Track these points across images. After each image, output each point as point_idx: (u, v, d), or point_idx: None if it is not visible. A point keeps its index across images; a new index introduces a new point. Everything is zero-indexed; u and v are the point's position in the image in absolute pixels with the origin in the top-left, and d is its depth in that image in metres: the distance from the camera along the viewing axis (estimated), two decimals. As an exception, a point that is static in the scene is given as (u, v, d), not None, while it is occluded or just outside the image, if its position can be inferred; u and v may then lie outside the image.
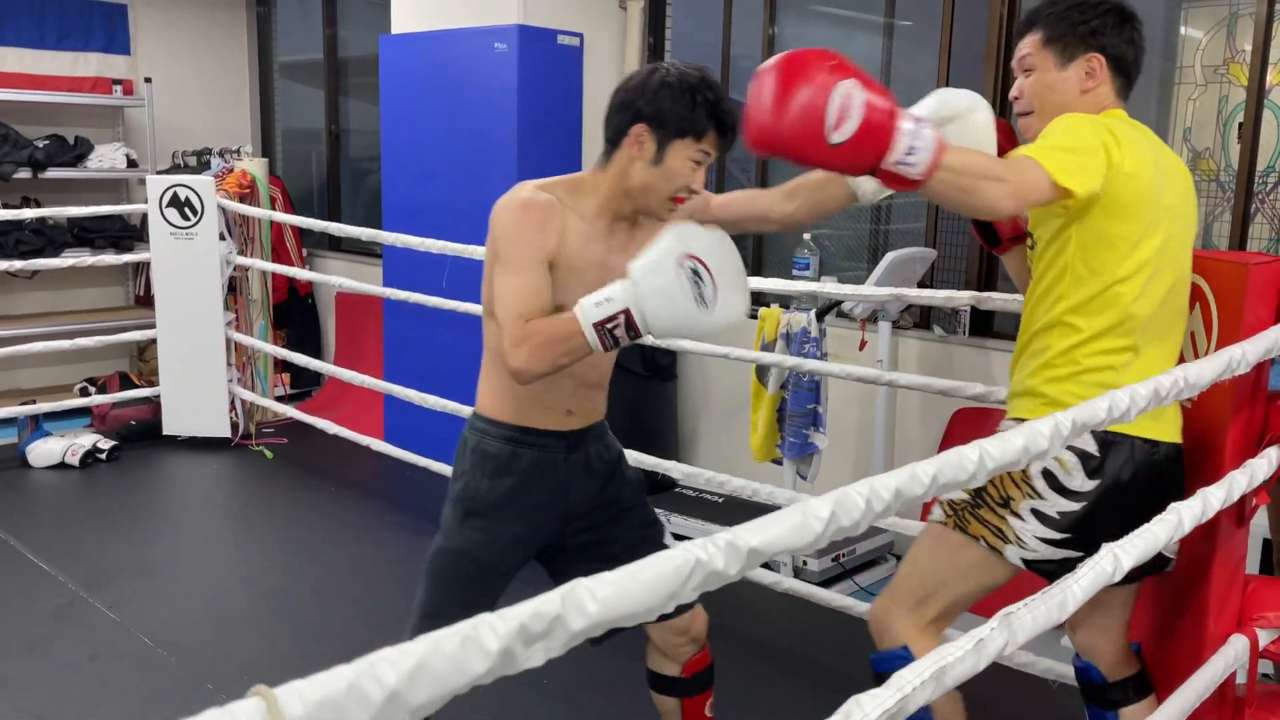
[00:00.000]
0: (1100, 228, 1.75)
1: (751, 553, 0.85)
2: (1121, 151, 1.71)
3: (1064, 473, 1.78)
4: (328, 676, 0.61)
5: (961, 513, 1.86)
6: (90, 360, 5.87)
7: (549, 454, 1.97)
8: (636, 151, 1.83)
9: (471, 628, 0.67)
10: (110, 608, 3.40)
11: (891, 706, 1.01)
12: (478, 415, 2.00)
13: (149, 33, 6.21)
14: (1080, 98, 1.84)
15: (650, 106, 1.81)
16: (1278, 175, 3.33)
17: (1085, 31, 1.83)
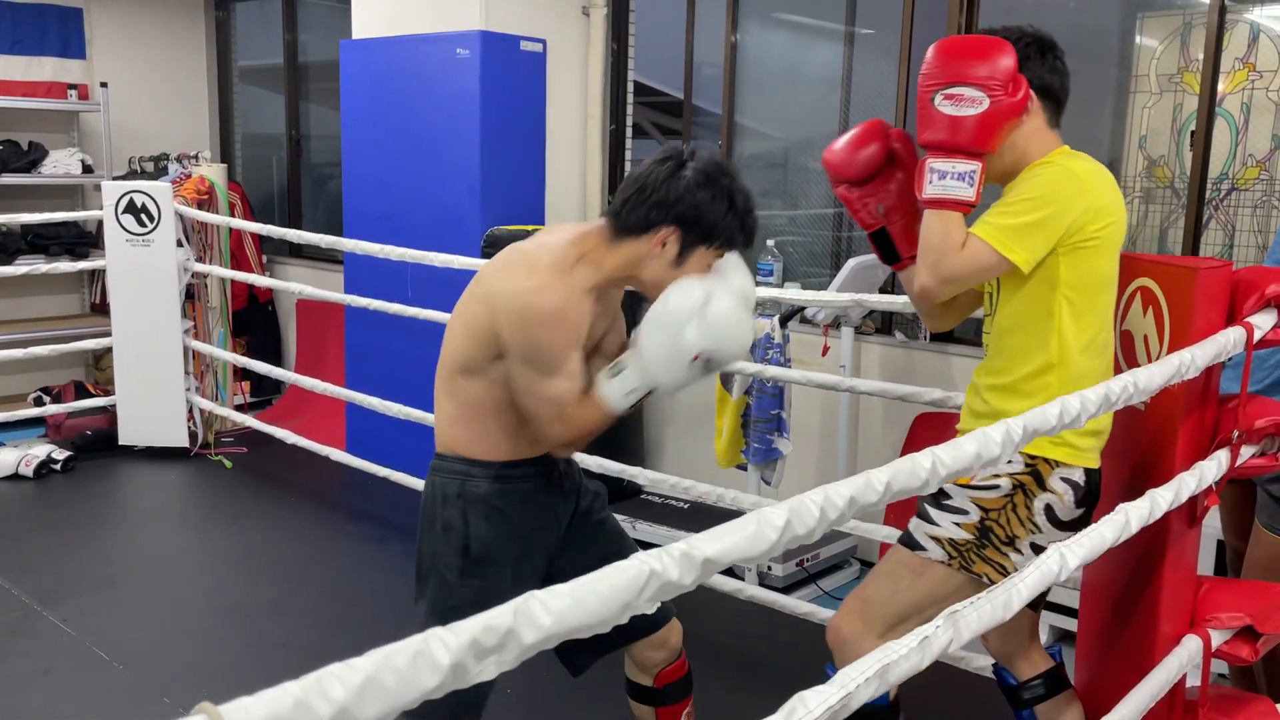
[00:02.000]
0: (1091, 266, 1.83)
1: (706, 562, 0.85)
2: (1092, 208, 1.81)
3: (1062, 506, 1.86)
4: (275, 693, 0.60)
5: (966, 553, 1.88)
6: (45, 369, 5.77)
7: (533, 483, 1.94)
8: (659, 251, 1.79)
9: (422, 641, 0.67)
10: (65, 621, 3.34)
11: (835, 704, 1.02)
12: (457, 458, 1.90)
13: (105, 37, 6.12)
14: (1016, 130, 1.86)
15: (686, 211, 1.77)
16: (1230, 183, 3.39)
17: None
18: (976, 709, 2.73)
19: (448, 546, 1.90)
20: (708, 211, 1.77)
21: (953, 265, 1.79)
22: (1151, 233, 3.60)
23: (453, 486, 1.90)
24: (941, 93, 1.75)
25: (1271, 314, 1.89)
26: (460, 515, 1.89)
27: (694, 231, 1.78)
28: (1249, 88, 3.33)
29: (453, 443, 1.91)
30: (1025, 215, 1.79)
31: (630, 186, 1.82)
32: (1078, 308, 1.83)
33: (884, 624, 1.91)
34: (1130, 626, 1.98)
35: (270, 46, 6.34)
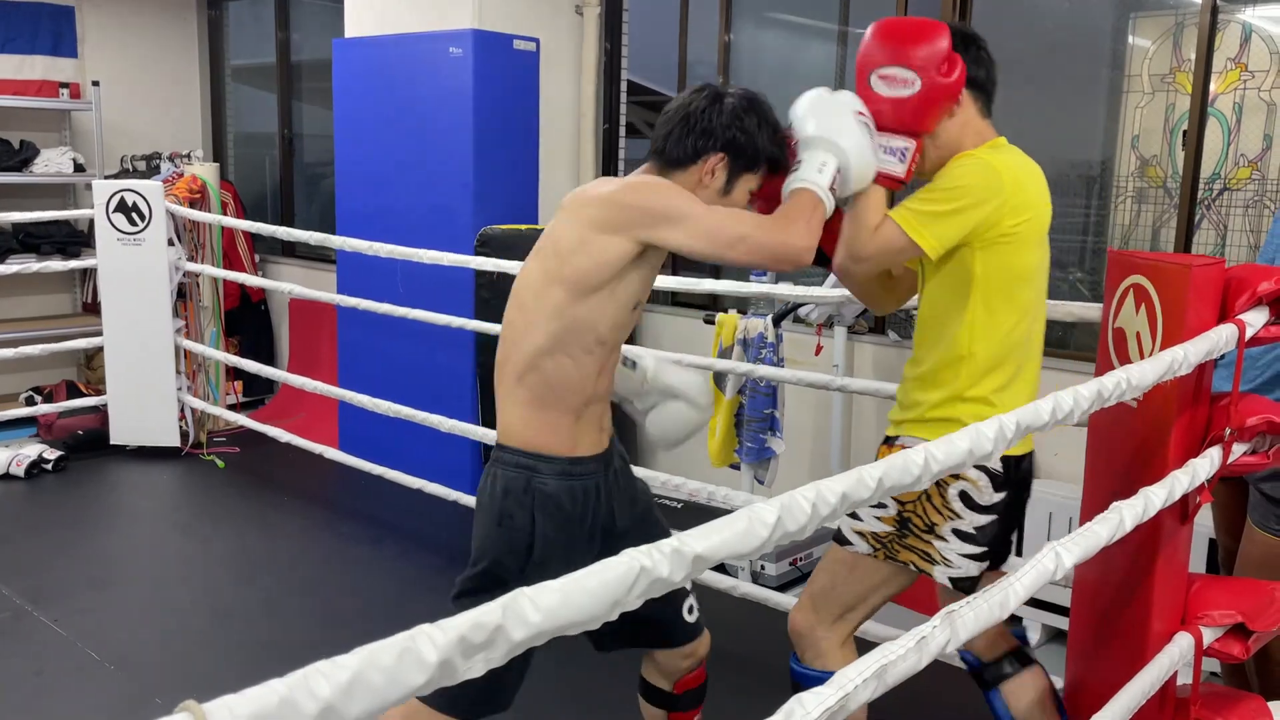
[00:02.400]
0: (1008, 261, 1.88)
1: (697, 559, 0.84)
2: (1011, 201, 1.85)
3: (977, 491, 1.93)
4: (260, 690, 0.60)
5: (889, 544, 1.98)
6: (36, 369, 5.75)
7: (594, 480, 1.90)
8: (708, 179, 1.81)
9: (409, 639, 0.66)
10: (56, 621, 3.32)
11: (833, 705, 1.01)
12: (522, 452, 1.84)
13: (97, 35, 6.10)
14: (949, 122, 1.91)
15: (734, 138, 1.80)
16: (1222, 182, 3.40)
17: None
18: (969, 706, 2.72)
19: (509, 544, 1.84)
20: (754, 137, 1.81)
21: (863, 244, 1.85)
22: (1144, 232, 3.60)
23: (518, 480, 1.84)
24: (876, 73, 1.81)
25: (1263, 312, 1.89)
26: (527, 513, 1.83)
27: (741, 158, 1.81)
28: (1241, 88, 3.33)
29: (522, 433, 1.85)
30: (940, 204, 1.83)
31: (672, 120, 1.82)
32: (992, 302, 1.88)
33: (831, 615, 2.02)
34: (1122, 624, 1.98)
35: (263, 45, 6.33)
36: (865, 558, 2.00)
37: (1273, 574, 2.18)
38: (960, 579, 1.97)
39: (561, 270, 1.77)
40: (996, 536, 1.97)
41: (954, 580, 1.97)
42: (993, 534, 1.96)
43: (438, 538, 4.12)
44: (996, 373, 1.92)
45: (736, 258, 1.75)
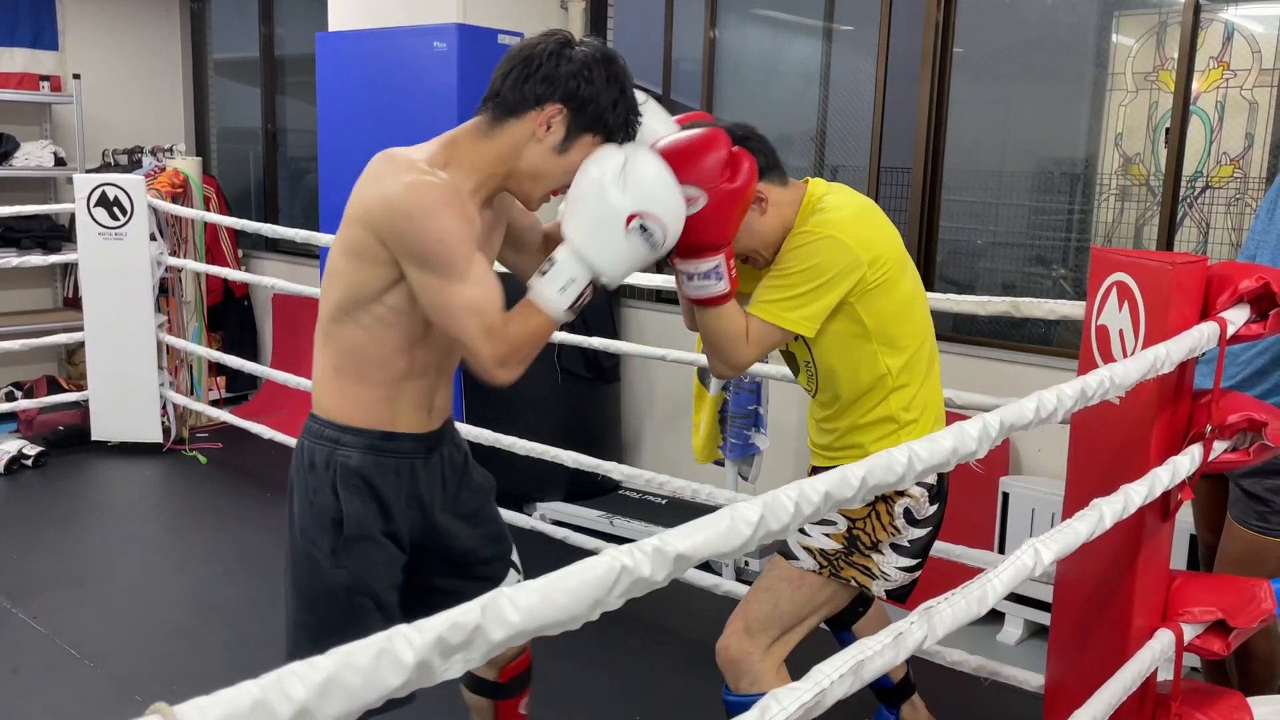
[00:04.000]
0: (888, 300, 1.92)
1: (679, 558, 0.84)
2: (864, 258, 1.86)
3: (918, 506, 1.98)
4: (232, 692, 0.59)
5: (835, 561, 1.99)
6: (16, 364, 5.70)
7: (408, 460, 1.76)
8: (542, 132, 1.62)
9: (387, 639, 0.65)
10: (35, 619, 3.30)
11: (809, 700, 1.01)
12: (328, 423, 1.72)
13: (78, 28, 6.05)
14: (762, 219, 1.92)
15: (578, 89, 1.60)
16: (1205, 180, 3.42)
17: None
18: (951, 702, 2.74)
19: (317, 521, 1.72)
20: (601, 93, 1.61)
21: (743, 354, 1.87)
22: (1127, 230, 3.62)
23: (320, 452, 1.71)
24: None
25: (1244, 309, 1.90)
26: (328, 486, 1.70)
27: (583, 114, 1.61)
28: (1223, 86, 3.35)
29: (326, 404, 1.72)
30: (798, 288, 1.85)
31: (512, 61, 1.63)
32: (890, 335, 1.94)
33: (769, 638, 2.00)
34: (1103, 621, 1.99)
35: (246, 39, 6.28)
36: (810, 575, 2.00)
37: (1253, 570, 2.19)
38: (895, 590, 2.03)
39: (344, 235, 1.64)
40: (926, 547, 2.03)
41: (889, 592, 2.03)
42: (923, 545, 2.02)
43: (422, 534, 4.10)
44: (920, 397, 2.00)
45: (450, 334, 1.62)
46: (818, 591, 2.01)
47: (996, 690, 2.76)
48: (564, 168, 1.65)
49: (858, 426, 2.02)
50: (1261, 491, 2.24)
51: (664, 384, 4.59)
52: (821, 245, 1.86)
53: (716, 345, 1.88)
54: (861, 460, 1.06)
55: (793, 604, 2.00)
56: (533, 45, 1.63)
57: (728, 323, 1.85)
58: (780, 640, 2.01)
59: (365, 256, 1.61)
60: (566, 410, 4.34)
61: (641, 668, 3.10)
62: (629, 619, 3.22)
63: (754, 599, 2.04)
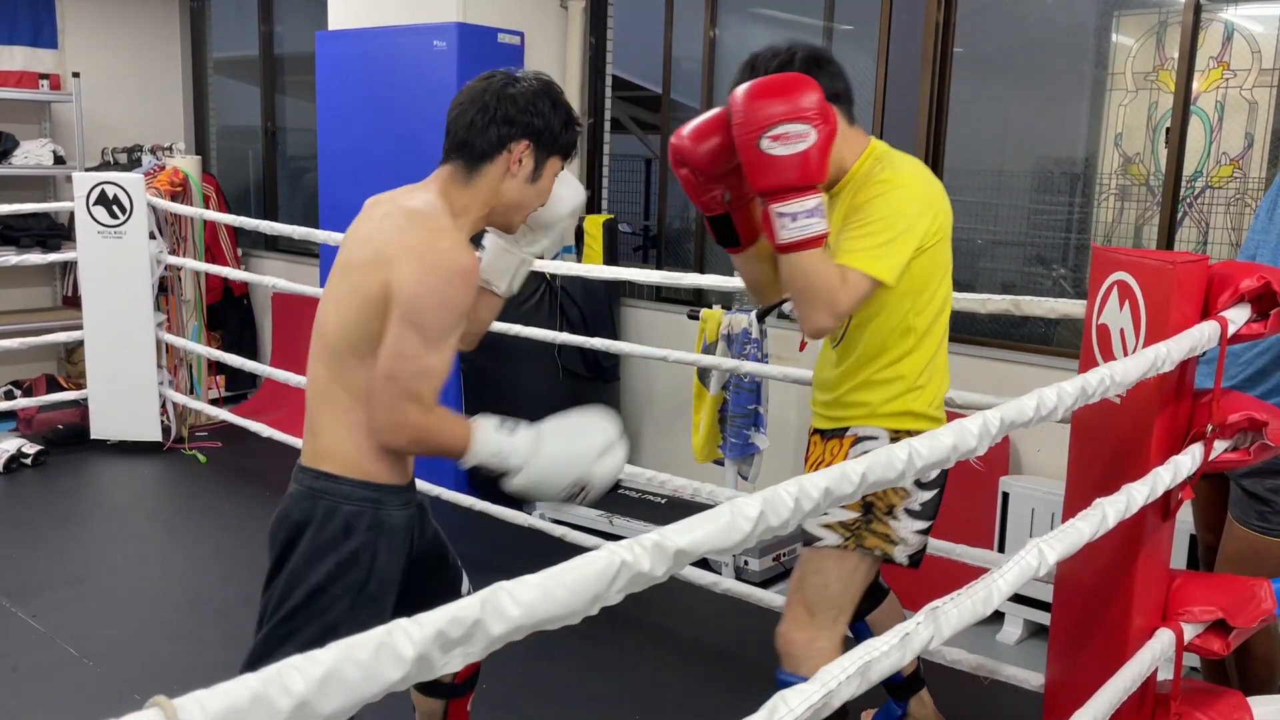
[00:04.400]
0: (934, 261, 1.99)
1: (678, 554, 0.84)
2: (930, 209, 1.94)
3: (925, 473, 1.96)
4: (232, 685, 0.59)
5: (857, 532, 2.02)
6: (15, 362, 5.70)
7: (407, 511, 1.80)
8: (516, 168, 1.77)
9: (386, 633, 0.65)
10: (34, 617, 3.29)
11: (817, 702, 1.01)
12: (362, 484, 1.72)
13: (77, 26, 6.04)
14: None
15: (534, 122, 1.76)
16: (1205, 180, 3.41)
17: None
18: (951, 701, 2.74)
19: (344, 581, 1.72)
20: (552, 120, 1.77)
21: (845, 300, 1.84)
22: (1127, 229, 3.62)
23: (363, 516, 1.72)
24: (767, 135, 1.74)
25: (1245, 309, 1.89)
26: (369, 550, 1.73)
27: (543, 143, 1.77)
28: (1223, 86, 3.35)
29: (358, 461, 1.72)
30: (883, 234, 1.87)
31: (468, 112, 1.76)
32: (923, 297, 1.98)
33: (829, 618, 2.04)
34: (1103, 620, 1.99)
35: (245, 38, 6.28)
36: (838, 551, 2.03)
37: (1253, 570, 2.19)
38: (915, 555, 2.07)
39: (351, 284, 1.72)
40: (936, 508, 2.08)
41: (910, 558, 2.06)
42: (933, 507, 2.06)
43: (421, 533, 4.10)
44: (934, 366, 2.05)
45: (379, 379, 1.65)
46: (849, 566, 2.03)
47: (996, 690, 2.76)
48: (538, 194, 1.82)
49: (870, 383, 2.03)
50: (1262, 491, 2.24)
51: (663, 383, 4.59)
52: (903, 195, 1.90)
53: (816, 293, 1.82)
54: (862, 456, 1.06)
55: (839, 581, 2.03)
56: (481, 91, 1.77)
57: (825, 267, 1.83)
58: (836, 621, 2.05)
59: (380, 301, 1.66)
60: (566, 409, 4.33)
61: (641, 668, 3.10)
62: (629, 618, 3.23)
63: (805, 585, 2.06)
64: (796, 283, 1.83)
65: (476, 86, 1.79)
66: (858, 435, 2.08)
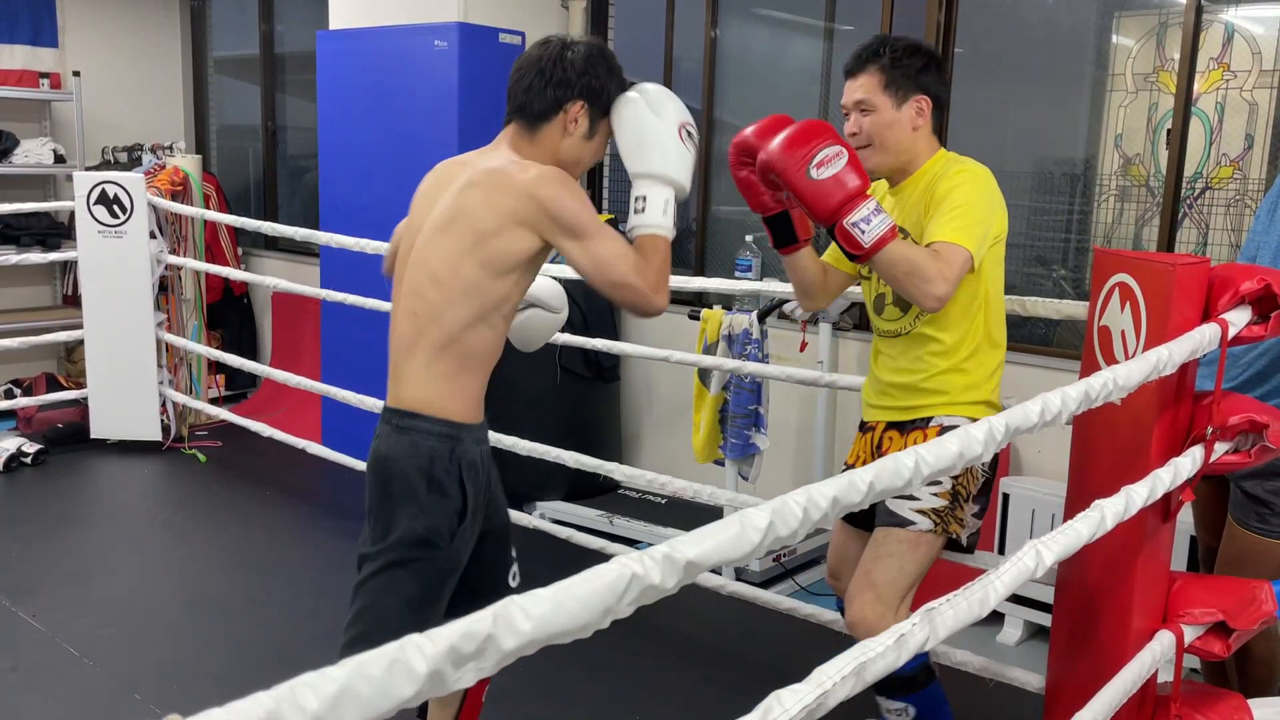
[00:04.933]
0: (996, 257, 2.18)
1: (689, 565, 0.84)
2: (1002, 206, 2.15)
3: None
4: (245, 704, 0.59)
5: (945, 517, 2.13)
6: (15, 361, 5.70)
7: (481, 447, 1.97)
8: (572, 127, 1.91)
9: (399, 649, 0.65)
10: (34, 617, 3.30)
11: (811, 702, 1.01)
12: (444, 422, 1.87)
13: (78, 25, 6.04)
14: (913, 134, 2.17)
15: (589, 83, 1.90)
16: (1204, 181, 3.42)
17: (915, 76, 2.16)
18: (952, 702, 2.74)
19: (441, 509, 1.88)
20: (606, 82, 1.92)
21: (953, 268, 1.99)
22: (1126, 230, 3.62)
23: (443, 449, 1.87)
24: (811, 167, 1.92)
25: (1246, 311, 1.90)
26: (455, 481, 1.88)
27: (597, 103, 1.92)
28: (1223, 87, 3.35)
29: (441, 404, 1.88)
30: (968, 216, 2.04)
31: (526, 76, 1.91)
32: (990, 295, 2.16)
33: (898, 599, 2.12)
34: (1103, 622, 1.99)
35: (246, 37, 6.28)
36: (928, 535, 2.12)
37: (1253, 572, 2.20)
38: (972, 537, 2.19)
39: (478, 251, 1.84)
40: (990, 489, 2.21)
41: (969, 539, 2.18)
42: (989, 487, 2.20)
43: (421, 533, 4.10)
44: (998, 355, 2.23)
45: (609, 294, 1.85)
46: (930, 550, 2.13)
47: (997, 691, 2.77)
48: (594, 150, 1.97)
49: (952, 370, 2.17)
50: (1262, 493, 2.25)
51: (664, 383, 4.59)
52: (980, 188, 2.09)
53: (922, 269, 1.95)
54: (870, 465, 1.06)
55: (913, 566, 2.12)
56: (539, 56, 1.92)
57: (915, 249, 1.99)
58: (904, 600, 2.12)
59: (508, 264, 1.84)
60: (566, 409, 4.34)
61: (641, 668, 3.10)
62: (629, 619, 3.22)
63: (879, 567, 2.13)
64: (899, 269, 1.96)
65: (534, 53, 1.93)
66: (943, 425, 2.18)
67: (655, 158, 1.88)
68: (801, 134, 1.95)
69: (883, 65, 2.15)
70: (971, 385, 2.17)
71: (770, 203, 2.17)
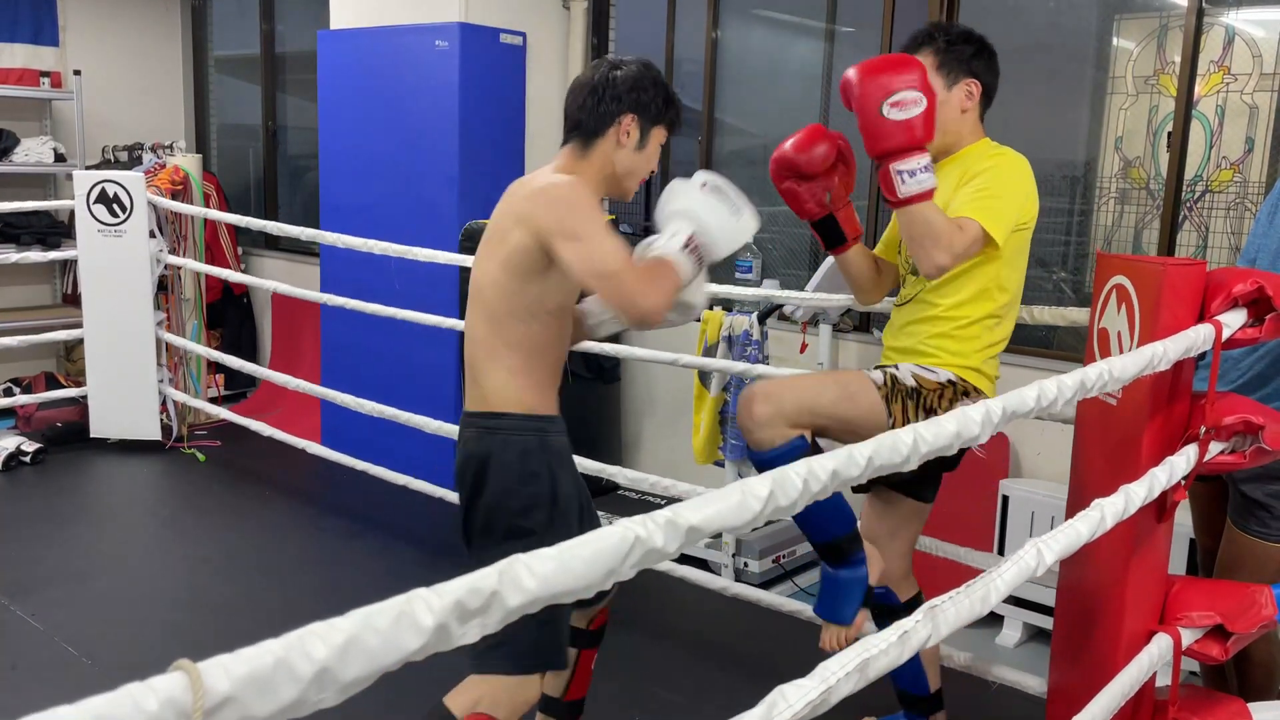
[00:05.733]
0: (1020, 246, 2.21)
1: (690, 530, 0.85)
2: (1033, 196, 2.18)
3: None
4: (254, 651, 0.60)
5: (895, 391, 2.15)
6: (15, 360, 5.70)
7: (563, 437, 2.07)
8: (625, 140, 2.03)
9: (406, 602, 0.66)
10: (33, 616, 3.29)
11: (815, 698, 1.02)
12: (527, 417, 1.98)
13: (79, 24, 6.05)
14: (960, 116, 2.24)
15: (639, 97, 2.02)
16: (1205, 184, 3.43)
17: (968, 60, 2.23)
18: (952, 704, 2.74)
19: (537, 499, 1.96)
20: (654, 95, 2.04)
21: (961, 242, 2.03)
22: (1126, 233, 3.63)
23: (533, 441, 1.98)
24: (887, 103, 1.96)
25: (1241, 313, 1.90)
26: (546, 467, 1.98)
27: (647, 114, 2.03)
28: (1223, 90, 3.36)
29: (520, 399, 1.98)
30: (997, 196, 2.09)
31: (580, 95, 2.04)
32: (1004, 278, 2.18)
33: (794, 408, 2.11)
34: (1101, 624, 1.99)
35: (247, 36, 6.29)
36: (869, 384, 2.15)
37: (1252, 575, 2.20)
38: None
39: (500, 255, 1.96)
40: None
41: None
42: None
43: (419, 533, 4.10)
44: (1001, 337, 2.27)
45: (596, 287, 1.87)
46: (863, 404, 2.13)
47: (997, 693, 2.77)
48: (647, 160, 2.07)
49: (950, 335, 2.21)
50: (1261, 497, 2.24)
51: (664, 384, 4.59)
52: (1014, 173, 2.15)
53: (936, 236, 2.01)
54: (869, 440, 1.08)
55: (832, 396, 2.13)
56: (591, 78, 2.06)
57: (940, 215, 2.03)
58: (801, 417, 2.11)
59: (536, 265, 1.92)
60: (567, 410, 4.31)
61: (641, 668, 3.10)
62: (629, 619, 3.23)
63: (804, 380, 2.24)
64: (917, 229, 2.02)
65: (585, 75, 2.07)
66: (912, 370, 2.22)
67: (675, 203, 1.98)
68: (888, 65, 1.99)
69: (938, 47, 2.22)
70: (959, 352, 2.21)
71: (815, 208, 2.26)
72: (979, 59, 2.24)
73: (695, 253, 1.95)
